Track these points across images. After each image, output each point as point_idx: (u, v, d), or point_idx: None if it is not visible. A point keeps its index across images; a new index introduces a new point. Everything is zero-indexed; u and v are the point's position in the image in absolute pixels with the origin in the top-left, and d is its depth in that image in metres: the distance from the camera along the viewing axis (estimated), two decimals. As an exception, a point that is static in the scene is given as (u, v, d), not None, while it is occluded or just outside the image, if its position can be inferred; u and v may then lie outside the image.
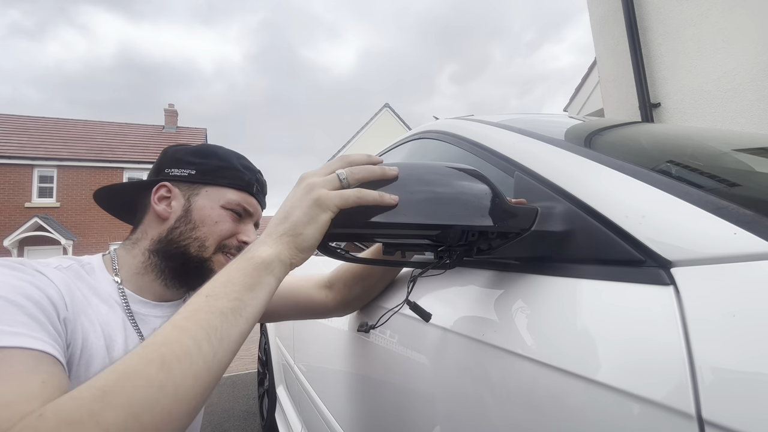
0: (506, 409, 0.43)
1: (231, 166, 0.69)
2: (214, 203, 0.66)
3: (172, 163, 0.69)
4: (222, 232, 0.66)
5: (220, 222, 0.66)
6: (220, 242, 0.67)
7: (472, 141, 0.74)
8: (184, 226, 0.65)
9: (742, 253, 0.30)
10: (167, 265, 0.65)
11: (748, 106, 2.59)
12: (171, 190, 0.67)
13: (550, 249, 0.46)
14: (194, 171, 0.67)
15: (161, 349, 0.36)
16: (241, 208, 0.68)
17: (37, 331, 0.43)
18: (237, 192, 0.68)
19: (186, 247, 0.64)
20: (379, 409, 0.73)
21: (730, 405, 0.26)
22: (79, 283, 0.57)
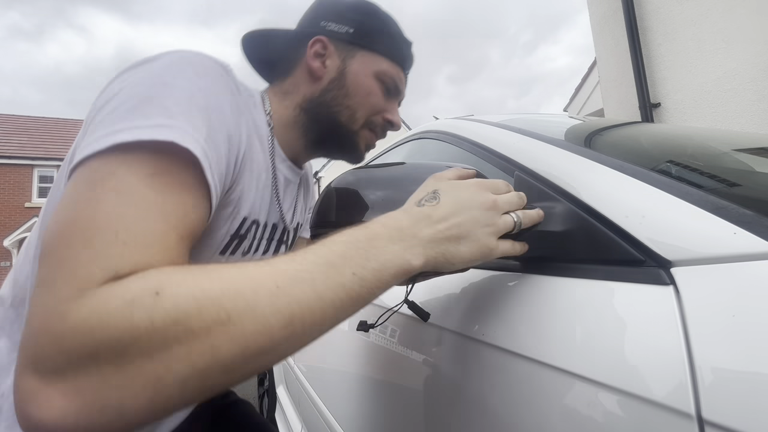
0: (506, 409, 0.43)
1: (391, 31, 0.62)
2: (368, 71, 0.60)
3: (330, 15, 0.61)
4: (373, 105, 0.61)
5: (372, 94, 0.61)
6: (369, 117, 0.62)
7: (472, 141, 0.74)
8: (337, 90, 0.60)
9: (742, 253, 0.30)
10: (313, 128, 0.61)
11: (748, 106, 2.59)
12: (327, 47, 0.60)
13: (550, 249, 0.46)
14: (352, 30, 0.60)
15: (293, 307, 0.32)
16: (393, 83, 0.62)
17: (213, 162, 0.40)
18: (392, 64, 0.62)
19: (336, 114, 0.60)
20: (378, 409, 0.73)
21: (730, 405, 0.26)
22: (251, 115, 0.54)
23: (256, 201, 0.54)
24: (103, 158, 0.34)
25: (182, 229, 0.36)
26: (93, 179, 0.34)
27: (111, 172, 0.34)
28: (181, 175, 0.37)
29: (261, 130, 0.56)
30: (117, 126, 0.35)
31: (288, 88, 0.62)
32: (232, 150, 0.44)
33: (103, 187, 0.33)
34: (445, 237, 0.39)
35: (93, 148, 0.34)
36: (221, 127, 0.42)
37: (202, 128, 0.38)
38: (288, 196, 0.64)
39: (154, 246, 0.33)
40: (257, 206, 0.55)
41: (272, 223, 0.61)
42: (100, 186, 0.33)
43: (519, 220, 0.43)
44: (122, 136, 0.34)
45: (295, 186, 0.67)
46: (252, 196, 0.52)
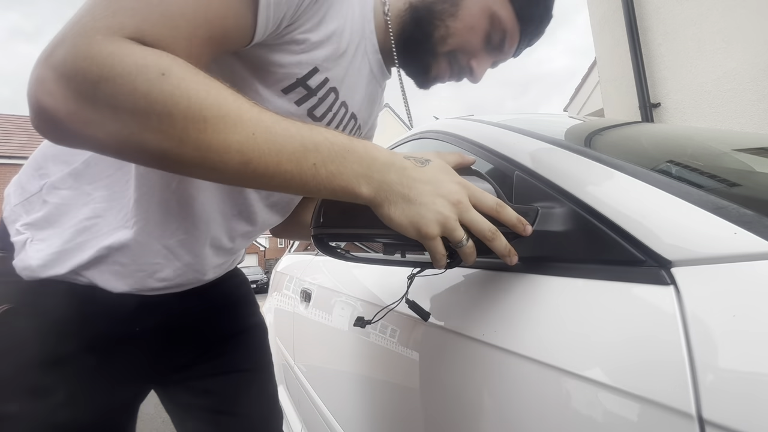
0: (506, 409, 0.43)
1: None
2: (485, 7, 0.57)
3: None
4: (468, 42, 0.59)
5: (475, 31, 0.58)
6: (459, 49, 0.59)
7: (472, 141, 0.74)
8: (449, 6, 0.57)
9: (742, 252, 0.30)
10: (409, 29, 0.59)
11: (748, 106, 2.59)
12: None
13: (550, 249, 0.46)
14: None
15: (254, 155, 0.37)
16: (501, 33, 0.59)
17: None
18: (514, 17, 0.58)
19: (434, 27, 0.58)
20: (378, 408, 0.73)
21: (730, 405, 0.26)
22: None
23: (340, 72, 0.55)
24: None
25: (215, 29, 0.41)
26: None
27: None
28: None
29: (368, 7, 0.58)
30: None
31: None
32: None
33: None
34: (400, 191, 0.41)
35: None
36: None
37: None
38: (368, 91, 0.64)
39: (183, 30, 0.38)
40: (340, 77, 0.56)
41: (351, 111, 0.62)
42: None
43: (463, 244, 0.41)
44: None
45: (377, 87, 0.67)
46: (333, 61, 0.53)
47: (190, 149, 0.35)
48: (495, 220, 0.42)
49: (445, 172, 0.43)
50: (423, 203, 0.40)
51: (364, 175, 0.40)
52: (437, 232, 0.40)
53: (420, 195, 0.40)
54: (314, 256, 1.58)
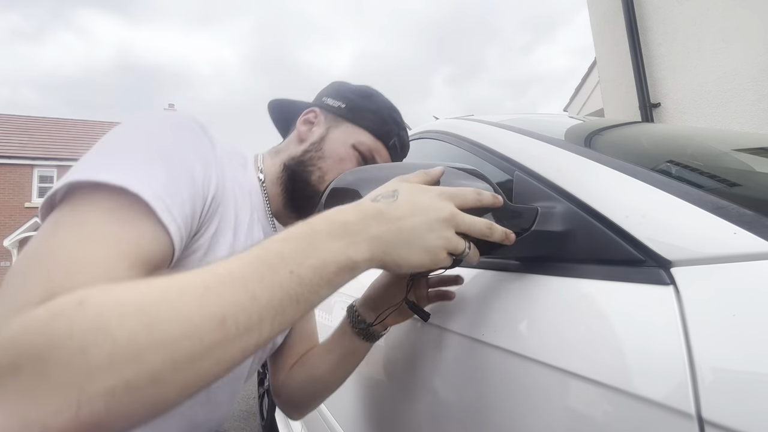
0: (506, 409, 0.43)
1: (378, 111, 0.68)
2: (346, 140, 0.66)
3: (330, 93, 0.70)
4: (344, 171, 0.63)
5: (345, 160, 0.65)
6: None
7: (473, 141, 0.74)
8: (315, 152, 0.65)
9: (742, 252, 0.30)
10: (290, 186, 0.65)
11: (748, 106, 2.59)
12: (318, 116, 0.68)
13: (550, 249, 0.46)
14: (344, 105, 0.68)
15: (225, 308, 0.31)
16: (370, 154, 0.66)
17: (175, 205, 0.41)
18: (372, 138, 0.66)
19: (309, 173, 0.64)
20: (378, 408, 0.73)
21: (730, 405, 0.26)
22: (231, 168, 0.58)
23: (239, 249, 0.55)
24: (70, 196, 0.38)
25: (135, 257, 0.37)
26: (57, 214, 0.38)
27: (73, 207, 0.37)
28: (136, 212, 0.38)
29: (249, 186, 0.62)
30: (84, 168, 0.39)
31: (281, 148, 0.69)
32: (197, 196, 0.46)
33: (63, 220, 0.37)
34: (394, 237, 0.39)
35: (61, 184, 0.38)
36: (183, 174, 0.44)
37: (159, 175, 0.41)
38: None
39: (98, 270, 0.33)
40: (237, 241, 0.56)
41: None
42: (62, 219, 0.37)
43: (467, 252, 0.41)
44: (84, 175, 0.38)
45: None
46: (230, 243, 0.53)
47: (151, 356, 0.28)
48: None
49: (419, 193, 0.41)
50: (420, 237, 0.39)
51: (346, 245, 0.37)
52: (446, 254, 0.40)
53: (413, 231, 0.39)
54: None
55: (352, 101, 0.68)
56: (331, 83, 0.73)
